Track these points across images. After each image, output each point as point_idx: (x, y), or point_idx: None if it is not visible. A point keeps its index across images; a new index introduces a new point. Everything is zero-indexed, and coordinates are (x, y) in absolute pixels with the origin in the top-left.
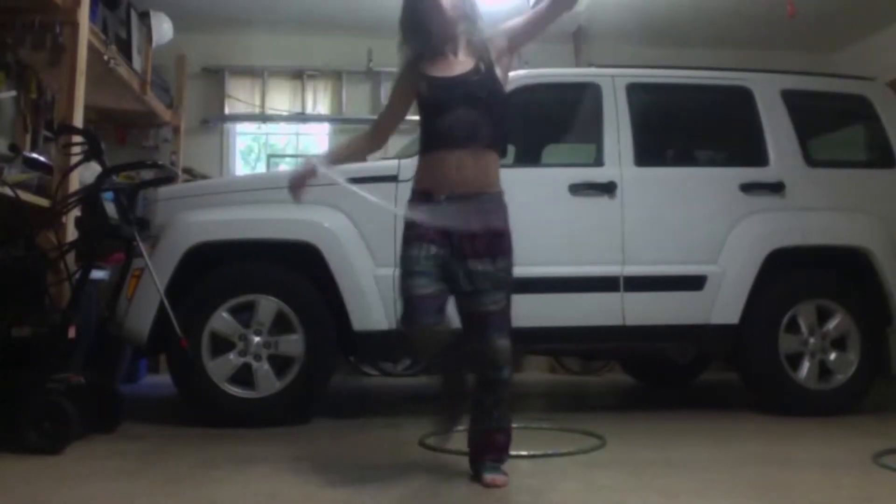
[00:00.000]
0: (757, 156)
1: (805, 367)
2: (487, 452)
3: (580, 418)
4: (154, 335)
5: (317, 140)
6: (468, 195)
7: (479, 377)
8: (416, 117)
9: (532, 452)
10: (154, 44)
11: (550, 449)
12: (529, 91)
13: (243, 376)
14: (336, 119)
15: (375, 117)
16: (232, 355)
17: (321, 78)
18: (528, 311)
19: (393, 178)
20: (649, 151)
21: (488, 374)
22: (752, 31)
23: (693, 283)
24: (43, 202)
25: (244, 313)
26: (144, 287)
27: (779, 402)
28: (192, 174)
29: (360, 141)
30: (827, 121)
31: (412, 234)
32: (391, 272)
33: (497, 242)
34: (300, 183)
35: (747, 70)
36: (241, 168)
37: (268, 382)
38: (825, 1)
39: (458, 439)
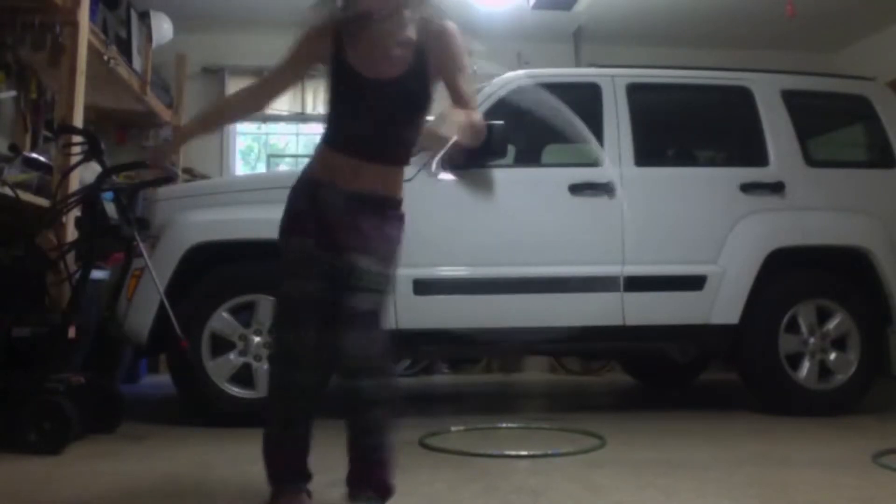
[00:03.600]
0: (757, 156)
1: (805, 367)
2: (364, 485)
3: (580, 418)
4: (154, 335)
5: (317, 140)
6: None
7: (344, 388)
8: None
9: (532, 452)
10: (154, 44)
11: (550, 449)
12: (529, 91)
13: (243, 376)
14: None
15: None
16: (232, 355)
17: (321, 78)
18: (528, 311)
19: None
20: (649, 151)
21: (351, 382)
22: (752, 31)
23: (693, 283)
24: (43, 202)
25: (244, 313)
26: (144, 287)
27: (779, 402)
28: (192, 174)
29: (237, 100)
30: (827, 121)
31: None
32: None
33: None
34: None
35: (747, 70)
36: (241, 168)
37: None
38: (825, 1)
39: (460, 437)
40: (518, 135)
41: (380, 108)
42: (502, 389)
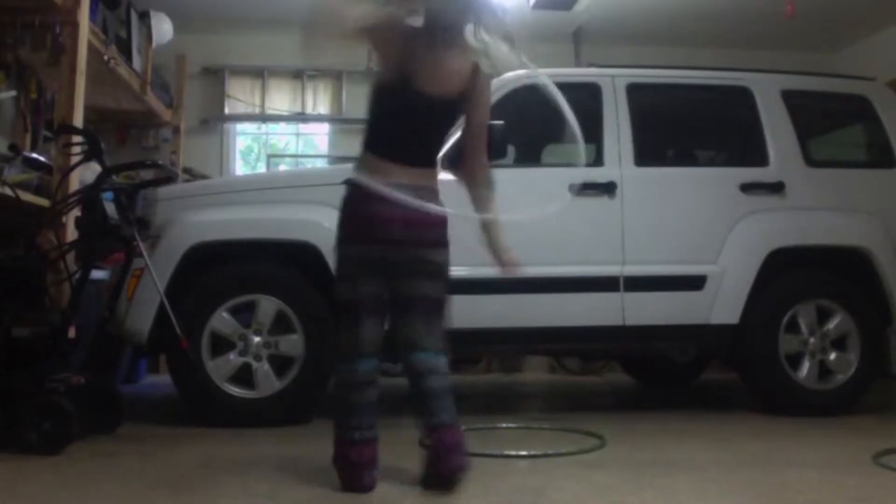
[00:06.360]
0: (757, 156)
1: (805, 367)
2: (447, 456)
3: (580, 418)
4: (154, 335)
5: (317, 140)
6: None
7: (405, 365)
8: None
9: (532, 452)
10: (154, 44)
11: (550, 449)
12: (529, 91)
13: (243, 376)
14: (336, 119)
15: None
16: (232, 355)
17: (321, 78)
18: (528, 311)
19: None
20: (649, 151)
21: (412, 358)
22: (752, 31)
23: (693, 283)
24: (43, 202)
25: (244, 313)
26: (144, 287)
27: (779, 402)
28: (192, 174)
29: None
30: (827, 121)
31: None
32: None
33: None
34: None
35: (747, 70)
36: (241, 168)
37: (268, 382)
38: (825, 1)
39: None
40: (518, 135)
41: (427, 121)
42: (502, 389)
